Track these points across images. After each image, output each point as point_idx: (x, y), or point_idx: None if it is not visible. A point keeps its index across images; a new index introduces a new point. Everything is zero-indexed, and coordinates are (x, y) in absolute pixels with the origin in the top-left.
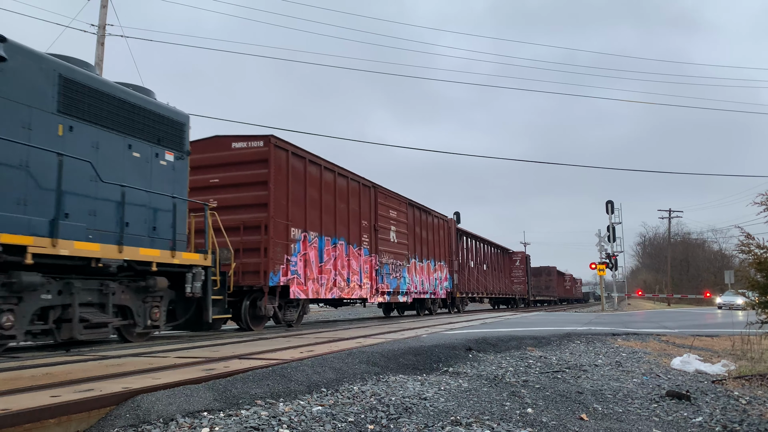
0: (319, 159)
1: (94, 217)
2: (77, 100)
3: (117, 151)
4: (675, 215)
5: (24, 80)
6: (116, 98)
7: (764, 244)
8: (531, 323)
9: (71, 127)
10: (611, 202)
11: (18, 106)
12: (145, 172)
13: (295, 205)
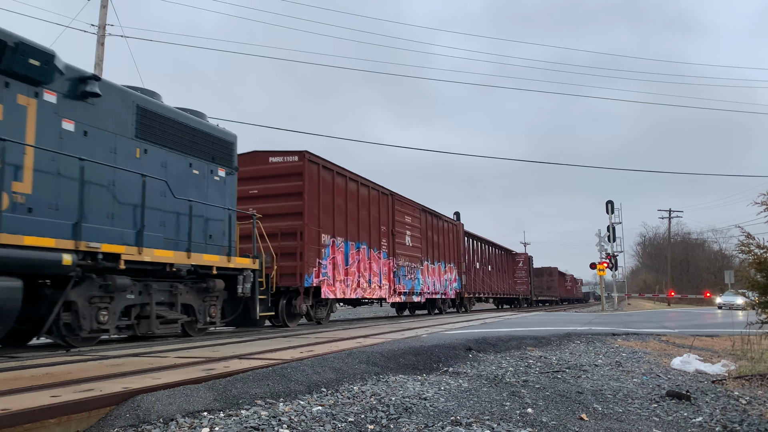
0: (345, 170)
1: (165, 227)
2: (150, 126)
3: (180, 169)
4: (675, 215)
5: (111, 111)
6: (179, 123)
7: (764, 244)
8: (531, 323)
9: (146, 150)
10: (611, 202)
11: (106, 134)
12: (202, 186)
13: (325, 213)
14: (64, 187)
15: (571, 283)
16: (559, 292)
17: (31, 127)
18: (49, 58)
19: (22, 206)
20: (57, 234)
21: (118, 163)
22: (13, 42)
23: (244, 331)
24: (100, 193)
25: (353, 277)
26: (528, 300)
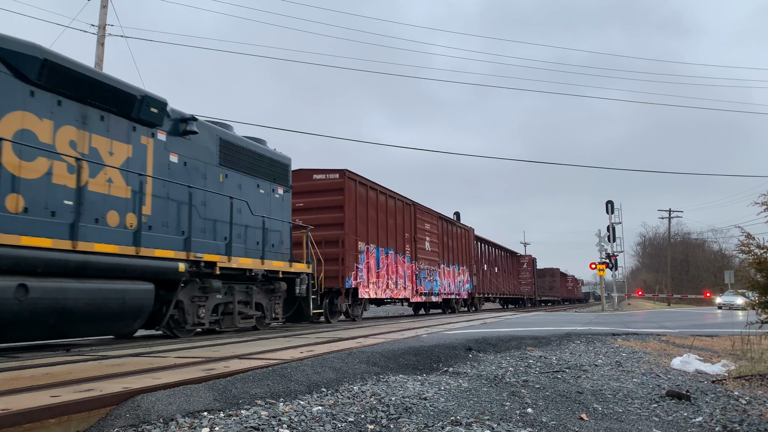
0: (376, 184)
1: (243, 238)
2: (229, 155)
3: (251, 189)
4: (675, 215)
5: (201, 145)
6: (249, 150)
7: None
8: (531, 323)
9: (226, 175)
10: (611, 202)
11: (199, 163)
12: (266, 203)
13: (360, 223)
14: (172, 208)
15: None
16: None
17: (149, 161)
18: (163, 106)
19: (145, 225)
20: (172, 247)
21: (208, 187)
22: (140, 95)
23: (245, 332)
24: (196, 212)
25: (383, 280)
26: (532, 300)
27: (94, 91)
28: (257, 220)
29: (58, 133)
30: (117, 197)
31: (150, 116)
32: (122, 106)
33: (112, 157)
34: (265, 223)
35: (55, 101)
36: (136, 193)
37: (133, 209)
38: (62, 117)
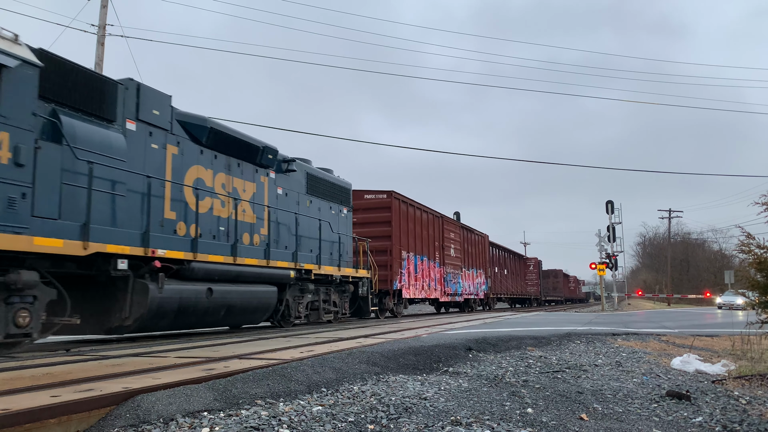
0: (413, 202)
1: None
2: (312, 185)
3: (327, 211)
4: (675, 215)
5: (295, 179)
6: (324, 180)
7: (764, 244)
8: (531, 323)
9: (311, 201)
10: (611, 202)
11: (294, 193)
12: (337, 221)
13: (403, 235)
14: (282, 229)
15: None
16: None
17: (266, 195)
18: (275, 153)
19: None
20: (285, 258)
21: (300, 212)
22: (261, 146)
23: (246, 332)
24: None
25: (420, 282)
26: (538, 300)
27: (234, 147)
28: (334, 235)
29: (216, 179)
30: (248, 222)
31: (266, 161)
32: (250, 155)
33: (244, 193)
34: (340, 237)
35: (213, 156)
36: (260, 219)
37: (258, 231)
38: (217, 167)
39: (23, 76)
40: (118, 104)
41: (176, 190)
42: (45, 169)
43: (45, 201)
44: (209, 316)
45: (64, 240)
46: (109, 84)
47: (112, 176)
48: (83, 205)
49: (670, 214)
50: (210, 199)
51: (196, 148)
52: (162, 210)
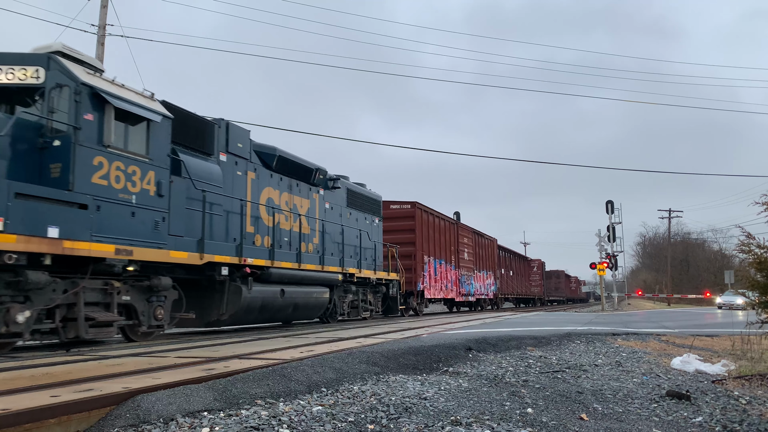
0: (433, 211)
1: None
2: (351, 199)
3: (362, 221)
4: (675, 215)
5: (339, 194)
6: (361, 194)
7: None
8: (531, 323)
9: (350, 213)
10: (611, 202)
11: (337, 207)
12: (370, 230)
13: (425, 241)
14: (329, 238)
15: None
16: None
17: (317, 209)
18: (325, 173)
19: (313, 250)
20: (334, 264)
21: (343, 223)
22: (315, 168)
23: (247, 332)
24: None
25: (439, 284)
26: (541, 300)
27: (294, 169)
28: (370, 243)
29: (281, 197)
30: (305, 233)
31: (317, 180)
32: (306, 176)
33: (301, 208)
34: (375, 245)
35: (279, 178)
36: (313, 230)
37: (312, 241)
38: (282, 187)
39: (162, 126)
40: (214, 140)
41: (254, 208)
42: (175, 197)
43: (175, 222)
44: (281, 312)
45: (188, 252)
46: (208, 124)
47: (215, 200)
48: (198, 225)
49: (670, 214)
50: (278, 214)
51: (267, 173)
52: (245, 225)
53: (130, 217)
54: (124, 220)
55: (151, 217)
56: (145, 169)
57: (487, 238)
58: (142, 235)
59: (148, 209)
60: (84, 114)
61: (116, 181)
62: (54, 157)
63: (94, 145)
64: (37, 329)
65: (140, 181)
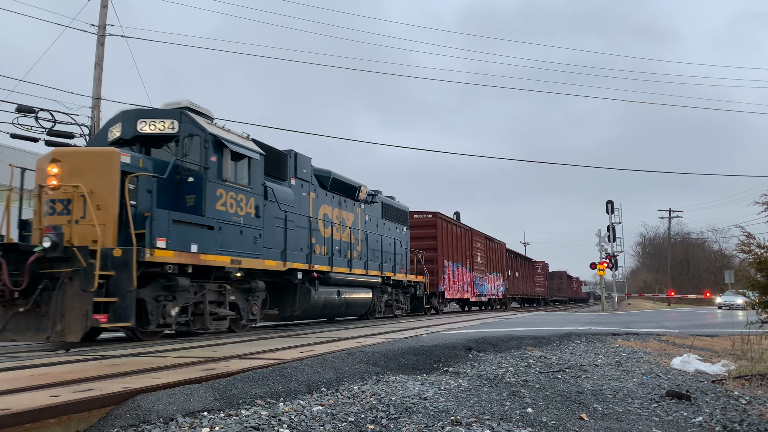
0: (450, 219)
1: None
2: (385, 211)
3: (394, 230)
4: (675, 215)
5: (375, 207)
6: (392, 206)
7: (764, 243)
8: (530, 323)
9: (384, 223)
10: (611, 202)
11: (374, 218)
12: (400, 238)
13: (445, 247)
14: (371, 246)
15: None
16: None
17: (359, 221)
18: (366, 189)
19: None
20: (375, 268)
21: (380, 233)
22: (358, 186)
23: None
24: (376, 247)
25: (456, 285)
26: (545, 300)
27: (342, 188)
28: (402, 250)
29: (333, 212)
30: (352, 243)
31: (360, 197)
32: (351, 193)
33: (348, 221)
34: (406, 252)
35: (332, 196)
36: (356, 239)
37: (356, 248)
38: (334, 203)
39: (258, 161)
40: (287, 168)
41: (315, 223)
42: (267, 217)
43: (267, 237)
44: (337, 309)
45: (276, 261)
46: (283, 155)
47: (291, 218)
48: (281, 239)
49: (670, 214)
50: (331, 227)
51: (323, 192)
52: (310, 237)
53: (239, 235)
54: (235, 237)
55: (252, 234)
56: (248, 196)
57: (497, 243)
58: (246, 248)
59: (250, 228)
60: (210, 157)
61: (230, 207)
62: (189, 190)
63: (216, 180)
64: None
65: (245, 206)
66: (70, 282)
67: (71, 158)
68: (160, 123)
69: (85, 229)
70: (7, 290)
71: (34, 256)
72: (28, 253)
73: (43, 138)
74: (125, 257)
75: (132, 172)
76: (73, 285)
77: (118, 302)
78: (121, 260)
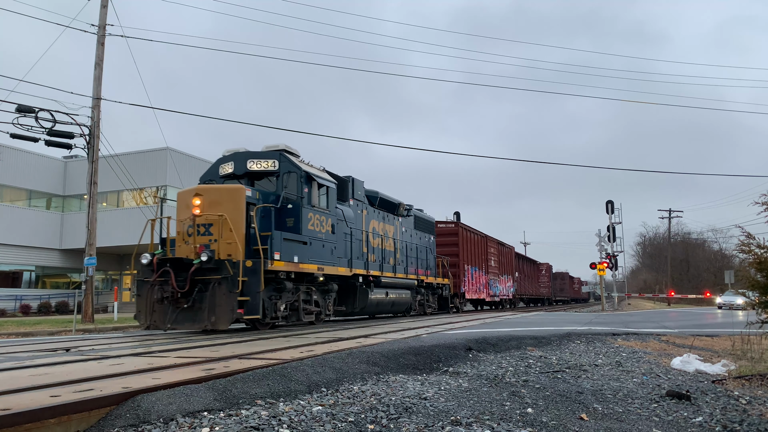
0: (470, 227)
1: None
2: (417, 222)
3: (424, 239)
4: (675, 215)
5: (408, 219)
6: (421, 218)
7: (764, 243)
8: (530, 323)
9: (416, 233)
10: (611, 202)
11: (408, 229)
12: (429, 245)
13: (465, 253)
14: (408, 254)
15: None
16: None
17: (398, 233)
18: (404, 205)
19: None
20: (412, 273)
21: (413, 242)
22: (397, 202)
23: (248, 332)
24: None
25: (474, 287)
26: (549, 300)
27: (386, 204)
28: (431, 256)
29: (379, 226)
30: (391, 250)
31: (399, 211)
32: (392, 208)
33: (390, 233)
34: (434, 258)
35: (378, 212)
36: (396, 248)
37: (396, 256)
38: (379, 218)
39: (333, 189)
40: (348, 191)
41: (367, 235)
42: (338, 233)
43: (339, 249)
44: (386, 307)
45: (345, 268)
46: (345, 180)
47: (352, 233)
48: (348, 250)
49: (670, 214)
50: (380, 239)
51: (372, 209)
52: (365, 247)
53: (322, 248)
54: (319, 249)
55: (330, 246)
56: (327, 217)
57: (507, 247)
58: (326, 258)
59: (328, 242)
60: (303, 188)
61: (316, 226)
62: (289, 214)
63: (308, 206)
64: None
65: (325, 224)
66: (219, 286)
67: (209, 193)
68: (264, 162)
69: (224, 246)
70: (175, 292)
71: (194, 266)
72: (188, 264)
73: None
74: (255, 267)
75: (252, 203)
76: (222, 288)
77: (250, 300)
78: (252, 269)
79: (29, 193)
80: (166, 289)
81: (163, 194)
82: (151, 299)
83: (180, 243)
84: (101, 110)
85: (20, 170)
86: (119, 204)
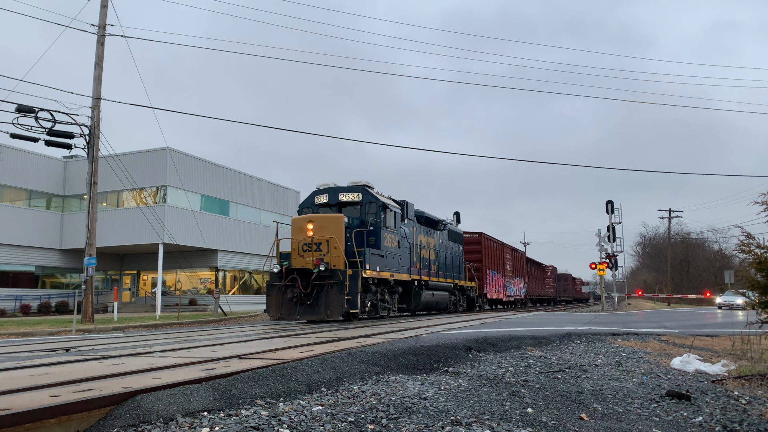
0: (490, 237)
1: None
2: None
3: (455, 248)
4: (675, 215)
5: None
6: (453, 230)
7: (764, 243)
8: (530, 323)
9: (450, 243)
10: (611, 202)
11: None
12: (458, 253)
13: (487, 259)
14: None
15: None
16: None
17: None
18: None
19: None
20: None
21: (448, 251)
22: (437, 219)
23: (248, 332)
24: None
25: (494, 288)
26: (554, 300)
27: (428, 221)
28: (461, 263)
29: (424, 239)
30: (431, 259)
31: (438, 226)
32: (433, 224)
33: (431, 244)
34: (463, 264)
35: (422, 227)
36: (437, 257)
37: (436, 263)
38: (423, 233)
39: (398, 213)
40: (405, 213)
41: (418, 248)
42: (402, 247)
43: (402, 259)
44: (432, 305)
45: (406, 274)
46: (403, 204)
47: (408, 246)
48: (408, 260)
49: (670, 214)
50: (425, 250)
51: (419, 225)
52: (416, 257)
53: (392, 259)
54: (390, 261)
55: (397, 258)
56: (395, 235)
57: (519, 252)
58: (395, 267)
59: (396, 255)
60: (381, 214)
61: (389, 243)
62: (371, 234)
63: (384, 228)
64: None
65: (393, 241)
66: (332, 288)
67: (319, 220)
68: (351, 194)
69: (330, 259)
70: (300, 293)
71: (314, 274)
72: (310, 273)
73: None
74: (355, 275)
75: (347, 227)
76: (334, 290)
77: (352, 299)
78: (352, 276)
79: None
80: (294, 291)
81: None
82: (279, 298)
83: (295, 256)
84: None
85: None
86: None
